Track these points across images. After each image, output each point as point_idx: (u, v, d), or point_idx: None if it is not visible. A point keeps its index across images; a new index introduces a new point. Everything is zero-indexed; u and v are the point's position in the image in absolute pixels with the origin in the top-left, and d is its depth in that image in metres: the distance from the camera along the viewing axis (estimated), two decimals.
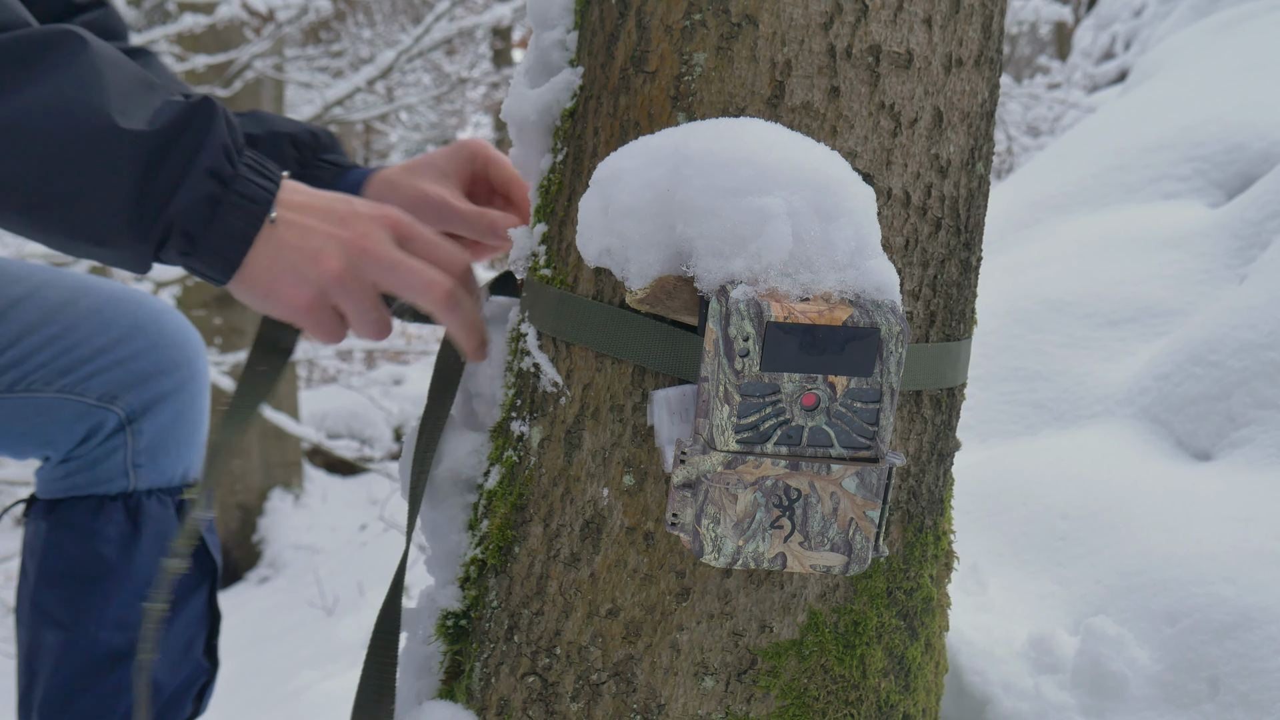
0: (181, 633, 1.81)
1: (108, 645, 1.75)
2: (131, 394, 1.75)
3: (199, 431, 1.87)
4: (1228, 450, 1.84)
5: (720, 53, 1.06)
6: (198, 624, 1.84)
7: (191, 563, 1.81)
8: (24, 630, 1.81)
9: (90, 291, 1.75)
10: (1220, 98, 3.02)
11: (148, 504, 1.78)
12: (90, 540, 1.74)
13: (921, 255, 1.12)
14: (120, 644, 1.76)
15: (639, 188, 0.99)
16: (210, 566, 1.84)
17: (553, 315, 1.14)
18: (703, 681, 1.10)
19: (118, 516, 1.76)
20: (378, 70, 7.53)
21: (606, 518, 1.11)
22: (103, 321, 1.74)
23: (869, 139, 1.08)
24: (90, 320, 1.73)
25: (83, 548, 1.75)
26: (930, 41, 1.09)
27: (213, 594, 1.85)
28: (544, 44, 1.23)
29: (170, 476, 1.82)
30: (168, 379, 1.79)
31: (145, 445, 1.78)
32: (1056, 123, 10.45)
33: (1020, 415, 2.21)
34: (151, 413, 1.77)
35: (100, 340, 1.72)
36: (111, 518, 1.76)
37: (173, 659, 1.81)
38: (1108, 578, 1.58)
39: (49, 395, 1.71)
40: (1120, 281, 2.39)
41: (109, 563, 1.75)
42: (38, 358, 1.69)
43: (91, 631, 1.75)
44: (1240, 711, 1.32)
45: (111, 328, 1.74)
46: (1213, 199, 2.66)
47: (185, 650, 1.82)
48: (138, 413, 1.76)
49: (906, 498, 1.16)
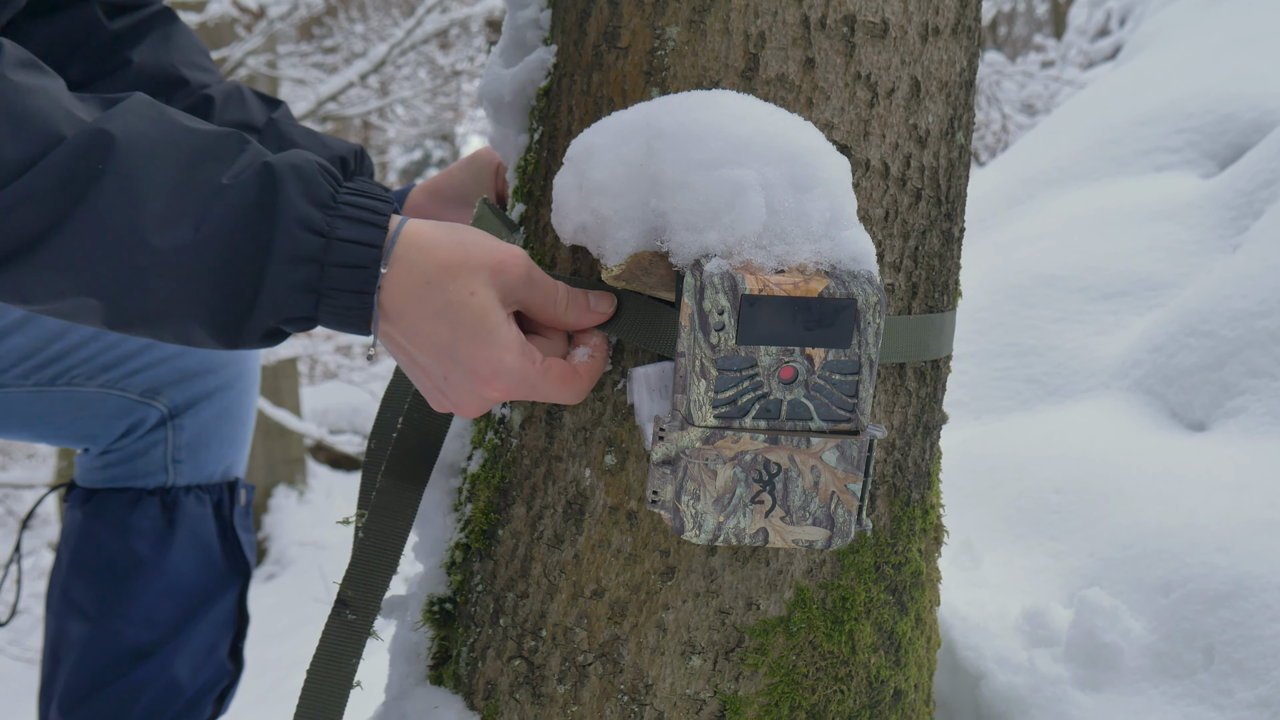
0: (207, 633, 1.80)
1: (133, 641, 1.75)
2: (175, 390, 1.74)
3: (243, 429, 1.86)
4: (1222, 420, 1.83)
5: (693, 26, 1.05)
6: (225, 625, 1.83)
7: (224, 561, 1.81)
8: (52, 618, 1.80)
9: None
10: (1211, 70, 3.01)
11: (185, 501, 1.77)
12: (124, 533, 1.74)
13: (902, 227, 1.11)
14: (146, 640, 1.75)
15: (612, 163, 0.98)
16: (243, 567, 1.83)
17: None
18: (690, 660, 1.09)
19: (153, 511, 1.76)
20: (370, 64, 7.52)
21: (589, 497, 1.10)
22: None
23: (846, 110, 1.07)
24: None
25: (116, 540, 1.74)
26: (906, 10, 1.08)
27: (243, 596, 1.84)
28: (518, 23, 1.22)
29: (210, 473, 1.81)
30: (214, 377, 1.78)
31: (186, 441, 1.77)
32: (1052, 100, 10.44)
33: (1014, 390, 2.21)
34: (194, 409, 1.77)
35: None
36: (147, 512, 1.75)
37: (196, 660, 1.80)
38: (1102, 550, 1.57)
39: (91, 390, 1.70)
40: (1113, 255, 2.38)
41: (141, 557, 1.74)
42: (81, 352, 1.68)
43: (118, 626, 1.74)
44: (1235, 680, 1.31)
45: None
46: (1205, 170, 2.65)
47: (209, 651, 1.81)
48: (180, 408, 1.75)
49: (892, 471, 1.15)
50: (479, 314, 0.98)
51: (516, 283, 1.00)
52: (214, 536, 1.80)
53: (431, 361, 1.00)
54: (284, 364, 9.24)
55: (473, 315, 0.98)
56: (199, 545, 1.78)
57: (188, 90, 1.55)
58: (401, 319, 0.99)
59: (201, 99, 1.54)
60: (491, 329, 0.98)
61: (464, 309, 0.98)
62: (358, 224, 0.97)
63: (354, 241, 0.96)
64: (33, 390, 1.68)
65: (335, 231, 0.96)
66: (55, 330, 1.66)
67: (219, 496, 1.82)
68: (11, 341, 1.64)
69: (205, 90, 1.55)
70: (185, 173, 0.95)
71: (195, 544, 1.78)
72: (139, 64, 1.52)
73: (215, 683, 1.84)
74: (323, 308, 0.98)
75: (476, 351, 0.98)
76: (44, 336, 1.65)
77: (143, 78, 1.53)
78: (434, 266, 0.98)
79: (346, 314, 0.98)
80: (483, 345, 0.98)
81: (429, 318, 0.98)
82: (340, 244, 0.96)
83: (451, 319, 0.98)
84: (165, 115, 0.98)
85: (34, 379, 1.67)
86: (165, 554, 1.75)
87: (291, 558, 8.56)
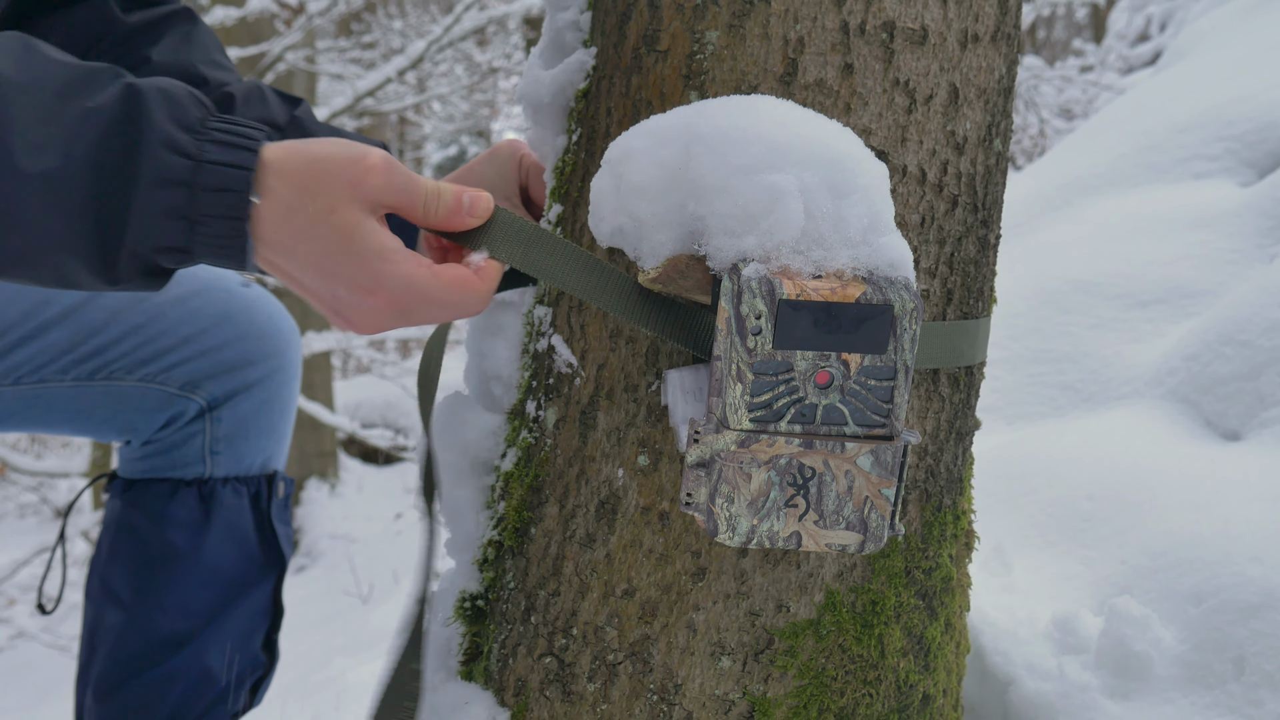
0: (242, 625, 1.81)
1: (168, 630, 1.76)
2: (214, 383, 1.75)
3: (283, 422, 1.87)
4: (1257, 430, 1.82)
5: (732, 30, 1.06)
6: (260, 617, 1.84)
7: (260, 553, 1.82)
8: (90, 606, 1.82)
9: (179, 280, 1.74)
10: (1252, 77, 2.99)
11: (222, 492, 1.78)
12: (161, 523, 1.75)
13: (938, 233, 1.11)
14: (180, 630, 1.76)
15: (650, 166, 0.98)
16: (279, 559, 1.84)
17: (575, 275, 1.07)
18: (719, 661, 1.10)
19: (190, 502, 1.77)
20: (408, 60, 7.55)
21: (621, 498, 1.11)
22: (189, 310, 1.74)
23: (884, 116, 1.07)
24: (176, 309, 1.73)
25: (153, 530, 1.76)
26: (945, 17, 1.08)
27: (278, 587, 1.85)
28: (558, 25, 1.23)
29: (249, 465, 1.82)
30: (254, 369, 1.79)
31: (224, 433, 1.78)
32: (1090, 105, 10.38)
33: (1048, 397, 2.20)
34: (233, 401, 1.78)
35: (185, 330, 1.73)
36: (184, 503, 1.77)
37: (230, 650, 1.81)
38: (1133, 558, 1.57)
39: (130, 384, 1.72)
40: (1149, 262, 2.37)
41: (177, 548, 1.75)
42: (120, 346, 1.69)
43: (153, 615, 1.75)
44: (1266, 691, 1.31)
45: (199, 317, 1.74)
46: (1243, 178, 2.64)
47: (244, 643, 1.82)
48: (219, 400, 1.77)
49: (924, 476, 1.16)
50: (341, 230, 0.97)
51: (379, 189, 0.99)
52: (250, 528, 1.81)
53: (316, 283, 0.99)
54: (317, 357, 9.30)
55: (336, 232, 0.97)
56: (235, 537, 1.79)
57: (208, 89, 1.56)
58: (276, 246, 0.98)
59: (223, 96, 1.55)
60: (359, 241, 0.97)
61: (326, 227, 0.97)
62: (227, 148, 0.95)
63: (223, 164, 0.95)
64: (73, 385, 1.69)
65: (204, 154, 0.95)
66: (96, 324, 1.67)
67: (256, 489, 1.83)
68: (51, 336, 1.65)
69: (226, 88, 1.56)
70: (56, 102, 0.94)
71: (231, 535, 1.79)
72: (158, 62, 1.52)
73: (249, 673, 1.85)
74: (196, 236, 0.96)
75: (351, 267, 0.97)
76: (84, 331, 1.67)
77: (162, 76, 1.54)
78: (292, 189, 0.97)
79: (220, 243, 0.96)
80: (355, 259, 0.97)
81: (301, 241, 0.98)
82: (209, 167, 0.94)
83: (320, 239, 0.97)
84: (36, 50, 0.98)
85: (74, 374, 1.69)
86: (201, 545, 1.76)
87: (322, 550, 8.60)
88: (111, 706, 1.77)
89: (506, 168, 1.43)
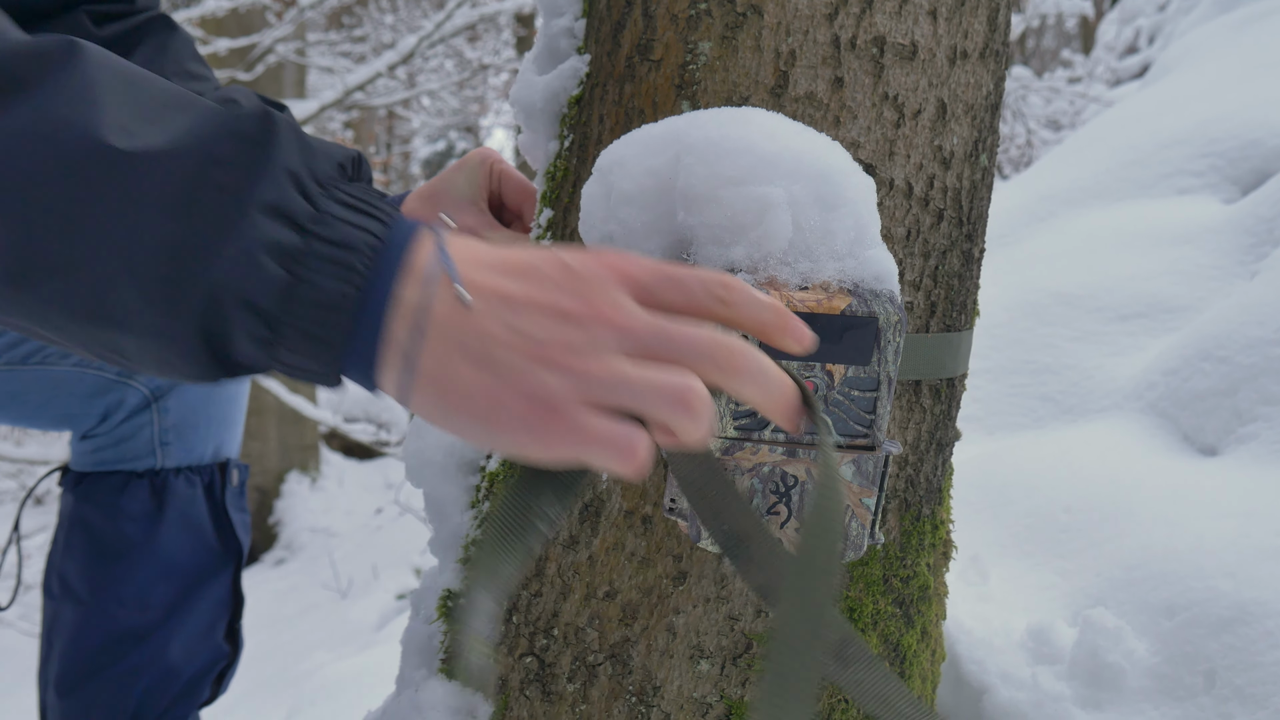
0: (203, 616, 1.81)
1: (127, 624, 1.75)
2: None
3: (233, 409, 1.86)
4: (1234, 446, 1.84)
5: (725, 42, 1.07)
6: (221, 606, 1.84)
7: (217, 543, 1.82)
8: (49, 602, 1.81)
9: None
10: (1237, 93, 3.01)
11: (174, 483, 1.78)
12: (114, 516, 1.75)
13: (923, 246, 1.13)
14: (140, 624, 1.76)
15: (641, 175, 1.00)
16: (236, 549, 1.83)
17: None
18: (698, 664, 1.11)
19: (142, 494, 1.76)
20: (399, 56, 7.54)
21: (605, 501, 1.12)
22: None
23: (872, 130, 1.09)
24: None
25: (106, 523, 1.75)
26: (935, 34, 1.10)
27: (237, 577, 1.84)
28: (552, 31, 1.24)
29: (200, 455, 1.81)
30: None
31: (173, 423, 1.77)
32: (1077, 117, 10.42)
33: (1028, 408, 2.22)
34: (178, 391, 1.77)
35: None
36: (136, 495, 1.76)
37: (192, 642, 1.80)
38: (1108, 570, 1.59)
39: (65, 368, 1.70)
40: (1131, 276, 2.39)
41: (131, 540, 1.75)
42: None
43: (111, 609, 1.75)
44: (1235, 705, 1.33)
45: None
46: (1227, 195, 2.66)
47: (206, 633, 1.82)
48: (164, 390, 1.75)
49: (904, 486, 1.17)
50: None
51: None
52: (206, 518, 1.80)
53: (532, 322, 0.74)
54: None
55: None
56: (190, 527, 1.79)
57: None
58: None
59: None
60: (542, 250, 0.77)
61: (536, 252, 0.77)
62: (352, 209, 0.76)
63: (348, 223, 0.75)
64: (4, 369, 1.68)
65: (327, 207, 0.76)
66: None
67: (210, 478, 1.82)
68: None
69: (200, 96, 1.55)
70: (164, 101, 0.78)
71: (186, 526, 1.78)
72: None
73: (213, 664, 1.85)
74: (294, 296, 0.73)
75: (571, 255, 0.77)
76: None
77: None
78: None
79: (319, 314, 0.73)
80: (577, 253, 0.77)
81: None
82: (333, 220, 0.75)
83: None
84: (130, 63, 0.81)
85: (5, 357, 1.67)
86: (156, 536, 1.76)
87: (302, 544, 8.60)
88: (74, 703, 1.76)
89: (476, 174, 1.39)
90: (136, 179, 0.72)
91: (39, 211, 0.72)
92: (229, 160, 0.74)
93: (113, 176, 0.72)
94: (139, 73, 0.78)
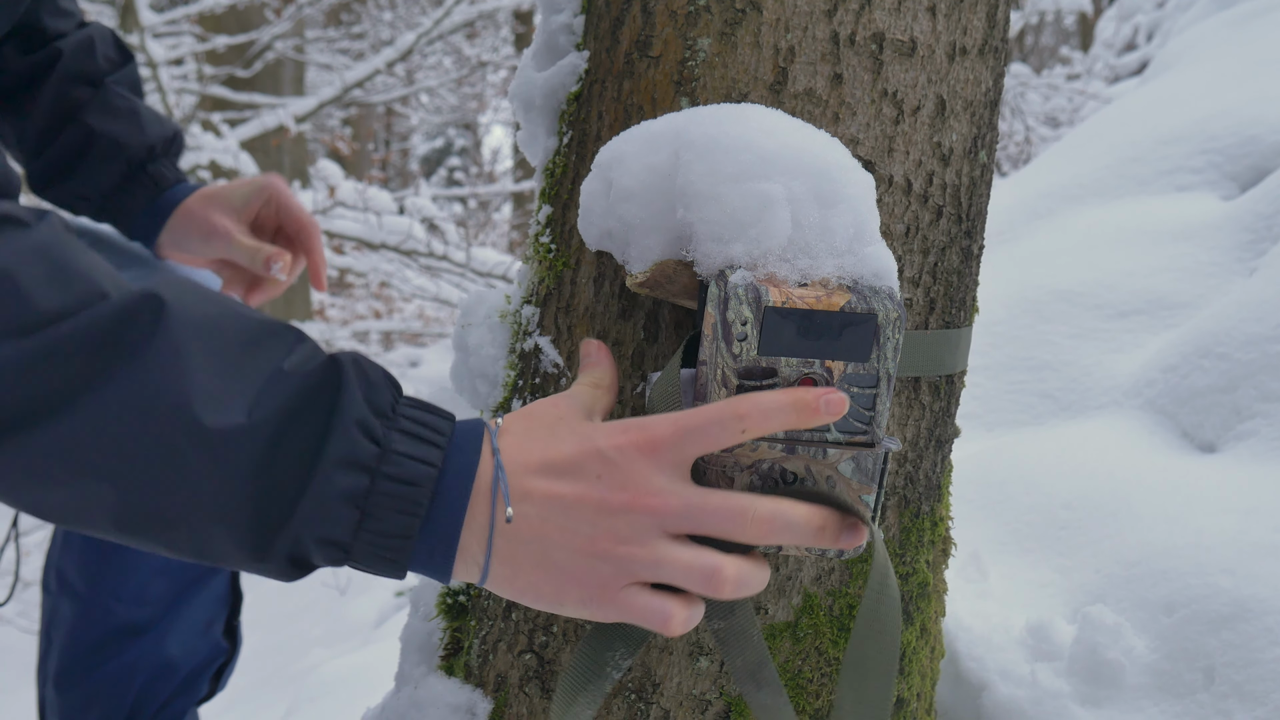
0: (201, 611, 1.81)
1: (124, 619, 1.75)
2: None
3: None
4: (1232, 443, 1.84)
5: (724, 38, 1.07)
6: (219, 603, 1.83)
7: None
8: (47, 597, 1.81)
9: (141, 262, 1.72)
10: (1236, 90, 3.01)
11: None
12: None
13: (922, 243, 1.13)
14: (138, 619, 1.75)
15: (640, 171, 1.00)
16: None
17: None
18: (697, 662, 1.11)
19: None
20: (397, 53, 7.55)
21: None
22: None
23: (871, 126, 1.09)
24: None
25: None
26: (934, 30, 1.10)
27: (236, 573, 1.84)
28: (551, 27, 1.24)
29: None
30: None
31: None
32: (1076, 114, 10.42)
33: (1027, 405, 2.22)
34: None
35: None
36: None
37: (190, 638, 1.80)
38: (1107, 567, 1.59)
39: None
40: (1130, 273, 2.39)
41: None
42: None
43: (109, 605, 1.74)
44: (1234, 701, 1.33)
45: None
46: (1225, 191, 2.66)
47: (204, 629, 1.82)
48: None
49: (904, 483, 1.17)
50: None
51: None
52: None
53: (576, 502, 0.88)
54: None
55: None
56: None
57: (45, 37, 1.59)
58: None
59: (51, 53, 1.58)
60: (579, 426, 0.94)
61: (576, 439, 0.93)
62: (413, 440, 0.88)
63: (409, 456, 0.87)
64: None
65: (391, 444, 0.87)
66: None
67: None
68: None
69: (58, 42, 1.59)
70: (241, 353, 0.86)
71: None
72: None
73: (211, 660, 1.85)
74: (362, 532, 0.86)
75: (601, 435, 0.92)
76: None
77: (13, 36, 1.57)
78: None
79: (385, 541, 0.87)
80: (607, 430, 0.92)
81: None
82: (395, 457, 0.86)
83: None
84: (214, 295, 0.90)
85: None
86: None
87: None
88: (73, 698, 1.76)
89: (251, 195, 1.55)
90: (225, 450, 0.82)
91: (139, 474, 0.82)
92: (305, 420, 0.85)
93: (203, 449, 0.82)
94: (215, 315, 0.86)
